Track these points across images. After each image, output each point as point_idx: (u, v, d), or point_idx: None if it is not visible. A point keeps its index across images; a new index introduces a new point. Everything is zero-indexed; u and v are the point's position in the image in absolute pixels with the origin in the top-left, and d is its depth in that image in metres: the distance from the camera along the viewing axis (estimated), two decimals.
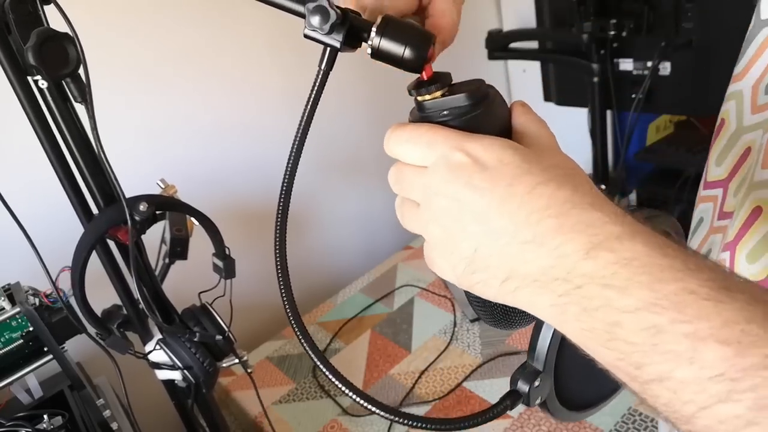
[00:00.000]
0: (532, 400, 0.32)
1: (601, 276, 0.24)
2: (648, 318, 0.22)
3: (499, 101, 0.29)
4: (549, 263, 0.25)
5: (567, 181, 0.26)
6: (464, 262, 0.27)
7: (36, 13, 0.45)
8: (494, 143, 0.27)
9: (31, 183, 0.85)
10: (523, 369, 0.32)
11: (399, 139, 0.29)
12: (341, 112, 1.38)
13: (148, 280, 0.61)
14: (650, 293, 0.23)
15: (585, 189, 0.26)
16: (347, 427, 0.99)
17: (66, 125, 0.51)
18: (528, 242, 0.25)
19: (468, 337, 1.12)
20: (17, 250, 0.64)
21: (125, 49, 1.03)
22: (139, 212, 0.55)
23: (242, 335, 0.84)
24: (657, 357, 0.22)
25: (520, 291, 0.26)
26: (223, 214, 0.74)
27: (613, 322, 0.23)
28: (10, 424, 0.76)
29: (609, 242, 0.24)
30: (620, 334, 0.23)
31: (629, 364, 0.24)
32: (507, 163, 0.26)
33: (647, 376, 0.23)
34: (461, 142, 0.27)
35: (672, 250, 0.24)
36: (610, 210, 0.25)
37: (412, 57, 0.28)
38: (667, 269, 0.23)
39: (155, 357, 0.62)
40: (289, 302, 0.31)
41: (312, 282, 1.43)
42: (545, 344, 0.31)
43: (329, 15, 0.27)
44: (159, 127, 1.12)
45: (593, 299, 0.24)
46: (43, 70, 0.45)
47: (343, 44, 0.28)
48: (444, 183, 0.27)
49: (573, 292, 0.24)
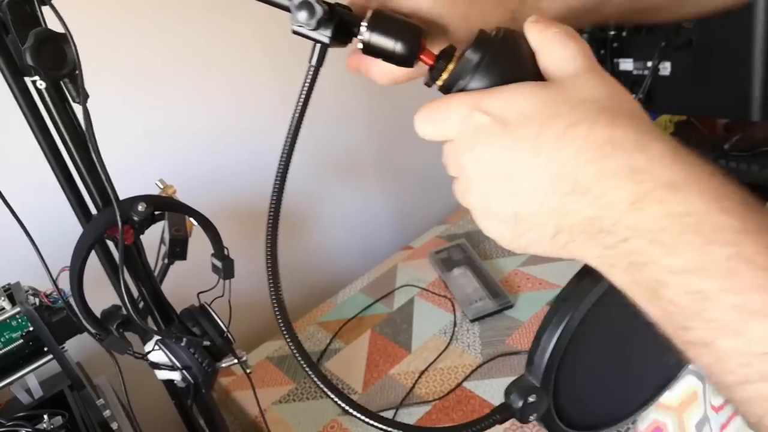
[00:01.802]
0: (525, 416, 0.30)
1: (649, 230, 0.21)
2: (694, 282, 0.21)
3: (508, 37, 0.27)
4: (593, 213, 0.23)
5: (602, 116, 0.23)
6: (509, 227, 0.26)
7: (34, 14, 0.45)
8: (510, 93, 0.24)
9: (31, 183, 0.85)
10: (518, 382, 0.31)
11: (421, 121, 0.28)
12: (341, 112, 1.38)
13: (147, 280, 0.61)
14: (700, 256, 0.21)
15: (625, 123, 0.23)
16: (347, 427, 0.99)
17: (64, 126, 0.51)
18: (568, 193, 0.23)
19: (468, 337, 1.12)
20: (17, 249, 0.65)
21: (124, 49, 1.03)
22: (137, 213, 0.55)
23: (242, 335, 0.84)
24: (701, 323, 0.21)
25: (569, 245, 0.24)
26: (222, 215, 0.74)
27: (659, 280, 0.22)
28: (10, 424, 0.76)
29: (658, 192, 0.21)
30: (665, 293, 0.22)
31: (672, 323, 0.22)
32: (528, 113, 0.24)
33: (690, 338, 0.22)
34: (477, 102, 0.25)
35: (731, 205, 0.21)
36: (658, 148, 0.22)
37: (404, 51, 0.28)
38: (721, 229, 0.20)
39: (154, 357, 0.63)
40: (280, 310, 0.30)
41: (312, 282, 1.43)
42: (544, 358, 0.30)
43: (315, 10, 0.27)
44: (158, 127, 1.12)
45: (640, 254, 0.22)
46: (41, 71, 0.46)
47: (332, 39, 0.28)
48: (467, 150, 0.25)
49: (619, 245, 0.22)
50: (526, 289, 1.21)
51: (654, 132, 0.23)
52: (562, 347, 0.29)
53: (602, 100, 0.23)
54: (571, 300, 0.29)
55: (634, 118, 0.23)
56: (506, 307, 1.16)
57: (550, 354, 0.29)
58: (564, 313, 0.29)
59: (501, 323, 1.13)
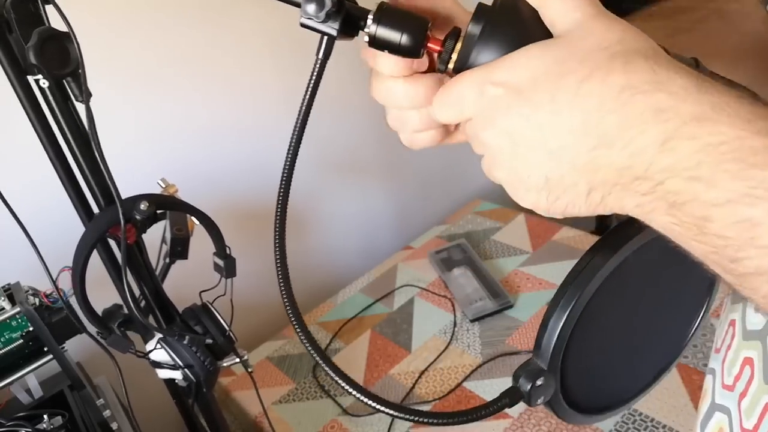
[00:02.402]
0: (534, 400, 0.31)
1: (684, 168, 0.21)
2: (741, 211, 0.20)
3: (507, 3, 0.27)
4: (624, 163, 0.22)
5: (615, 62, 0.22)
6: (543, 194, 0.25)
7: (37, 13, 0.45)
8: (516, 60, 0.24)
9: (33, 182, 0.85)
10: (526, 365, 0.31)
11: (438, 107, 0.27)
12: (342, 111, 1.38)
13: (149, 279, 0.61)
14: (742, 183, 0.20)
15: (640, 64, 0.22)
16: (347, 427, 0.99)
17: (67, 124, 0.51)
18: (595, 148, 0.23)
19: (468, 337, 1.12)
20: (17, 249, 0.64)
21: (125, 49, 1.03)
22: (139, 211, 0.55)
23: (242, 335, 0.84)
24: (754, 251, 0.20)
25: (606, 199, 0.24)
26: (224, 213, 0.74)
27: (703, 216, 0.21)
28: (10, 424, 0.76)
29: (687, 127, 0.21)
30: (711, 228, 0.21)
31: (723, 257, 0.21)
32: (539, 75, 0.23)
33: (744, 270, 0.21)
34: (487, 76, 0.25)
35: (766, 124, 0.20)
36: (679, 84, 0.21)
37: (410, 43, 0.28)
38: (761, 151, 0.20)
39: (156, 356, 0.62)
40: (289, 300, 0.31)
41: (312, 282, 1.43)
42: (551, 341, 0.30)
43: (324, 2, 0.27)
44: (160, 126, 1.12)
45: (679, 194, 0.21)
46: (44, 70, 0.46)
47: (339, 32, 0.28)
48: (487, 125, 0.25)
49: (657, 188, 0.22)
50: (526, 289, 1.21)
51: (673, 66, 0.22)
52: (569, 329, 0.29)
53: (612, 45, 0.23)
54: (578, 282, 0.30)
55: (648, 56, 0.22)
56: (506, 307, 1.16)
57: (558, 336, 0.30)
58: (571, 296, 0.30)
59: (501, 323, 1.14)
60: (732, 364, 0.35)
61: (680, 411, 0.87)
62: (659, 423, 0.86)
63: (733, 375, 0.34)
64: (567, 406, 0.33)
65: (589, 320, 0.31)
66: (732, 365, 0.35)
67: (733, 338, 0.36)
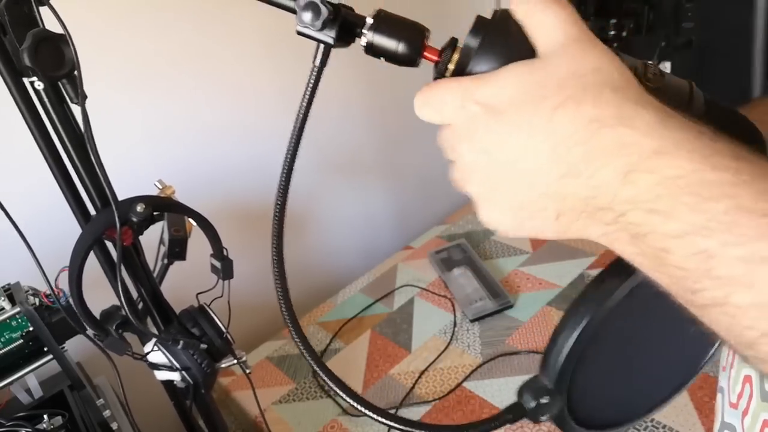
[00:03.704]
0: (537, 417, 0.30)
1: (644, 200, 0.21)
2: (697, 242, 0.20)
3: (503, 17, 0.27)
4: (588, 194, 0.23)
5: (587, 93, 0.23)
6: (511, 214, 0.26)
7: (32, 15, 0.45)
8: (500, 79, 0.24)
9: (30, 184, 0.85)
10: (532, 384, 0.30)
11: (419, 105, 0.27)
12: (342, 112, 1.38)
13: (146, 281, 0.61)
14: (698, 215, 0.20)
15: (610, 98, 0.23)
16: (347, 427, 0.99)
17: (62, 126, 0.51)
18: (563, 176, 0.23)
19: (468, 337, 1.12)
20: (17, 250, 0.64)
21: (124, 50, 1.03)
22: (136, 213, 0.55)
23: (242, 335, 0.84)
24: (709, 282, 0.21)
25: (573, 225, 0.24)
26: (221, 215, 0.74)
27: (662, 248, 0.22)
28: (10, 424, 0.76)
29: (647, 161, 0.21)
30: (671, 259, 0.21)
31: (683, 289, 0.22)
32: (519, 98, 0.24)
33: (703, 301, 0.21)
34: (470, 92, 0.25)
35: (722, 160, 0.21)
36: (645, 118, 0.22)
37: (407, 51, 0.28)
38: (716, 185, 0.20)
39: (153, 358, 0.62)
40: (286, 305, 0.30)
41: (312, 282, 1.43)
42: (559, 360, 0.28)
43: (321, 11, 0.27)
44: (157, 127, 1.12)
45: (640, 225, 0.22)
46: (38, 72, 0.46)
47: (336, 40, 0.28)
48: (465, 139, 0.25)
49: (619, 219, 0.22)
50: (526, 289, 1.21)
51: (642, 100, 0.23)
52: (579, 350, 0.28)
53: (587, 74, 0.23)
54: (591, 302, 0.29)
55: (619, 89, 0.23)
56: (506, 307, 1.16)
57: (566, 357, 0.28)
58: (582, 316, 0.28)
59: (501, 323, 1.13)
60: (735, 382, 0.35)
61: (680, 411, 0.87)
62: (659, 423, 0.86)
63: (736, 393, 0.34)
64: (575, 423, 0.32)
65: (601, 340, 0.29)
66: (735, 383, 0.35)
67: (735, 356, 0.35)
